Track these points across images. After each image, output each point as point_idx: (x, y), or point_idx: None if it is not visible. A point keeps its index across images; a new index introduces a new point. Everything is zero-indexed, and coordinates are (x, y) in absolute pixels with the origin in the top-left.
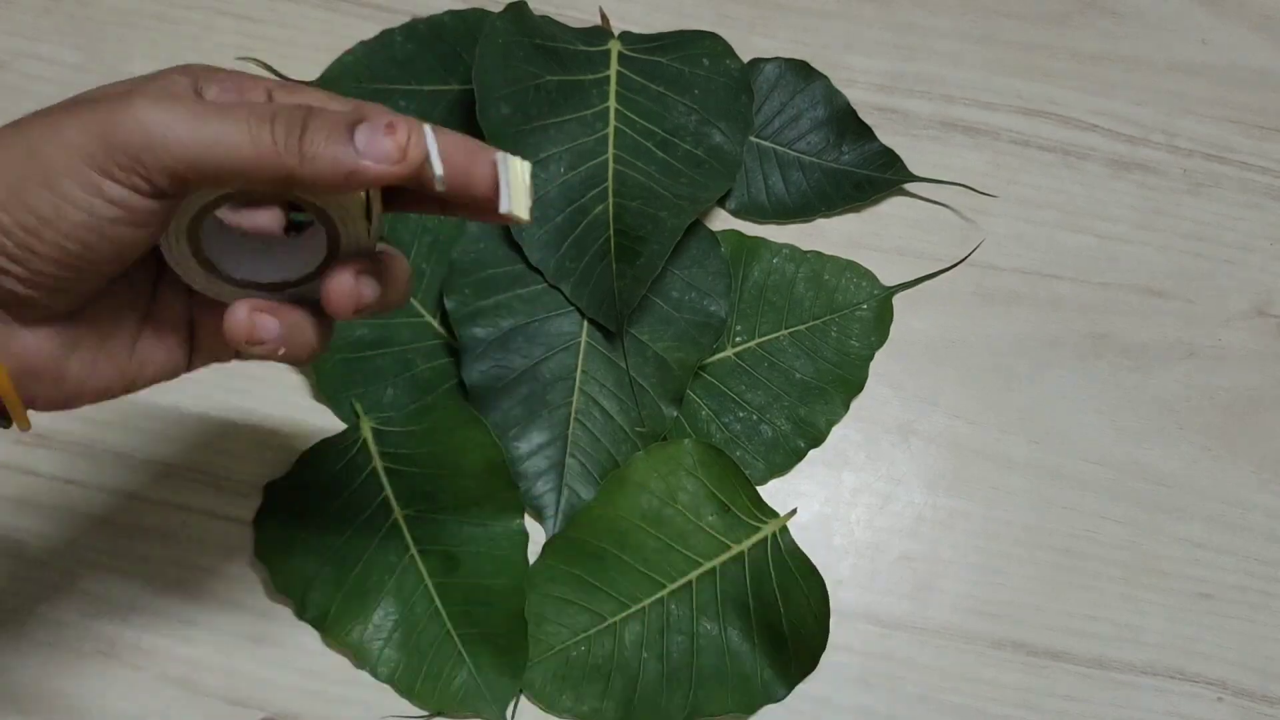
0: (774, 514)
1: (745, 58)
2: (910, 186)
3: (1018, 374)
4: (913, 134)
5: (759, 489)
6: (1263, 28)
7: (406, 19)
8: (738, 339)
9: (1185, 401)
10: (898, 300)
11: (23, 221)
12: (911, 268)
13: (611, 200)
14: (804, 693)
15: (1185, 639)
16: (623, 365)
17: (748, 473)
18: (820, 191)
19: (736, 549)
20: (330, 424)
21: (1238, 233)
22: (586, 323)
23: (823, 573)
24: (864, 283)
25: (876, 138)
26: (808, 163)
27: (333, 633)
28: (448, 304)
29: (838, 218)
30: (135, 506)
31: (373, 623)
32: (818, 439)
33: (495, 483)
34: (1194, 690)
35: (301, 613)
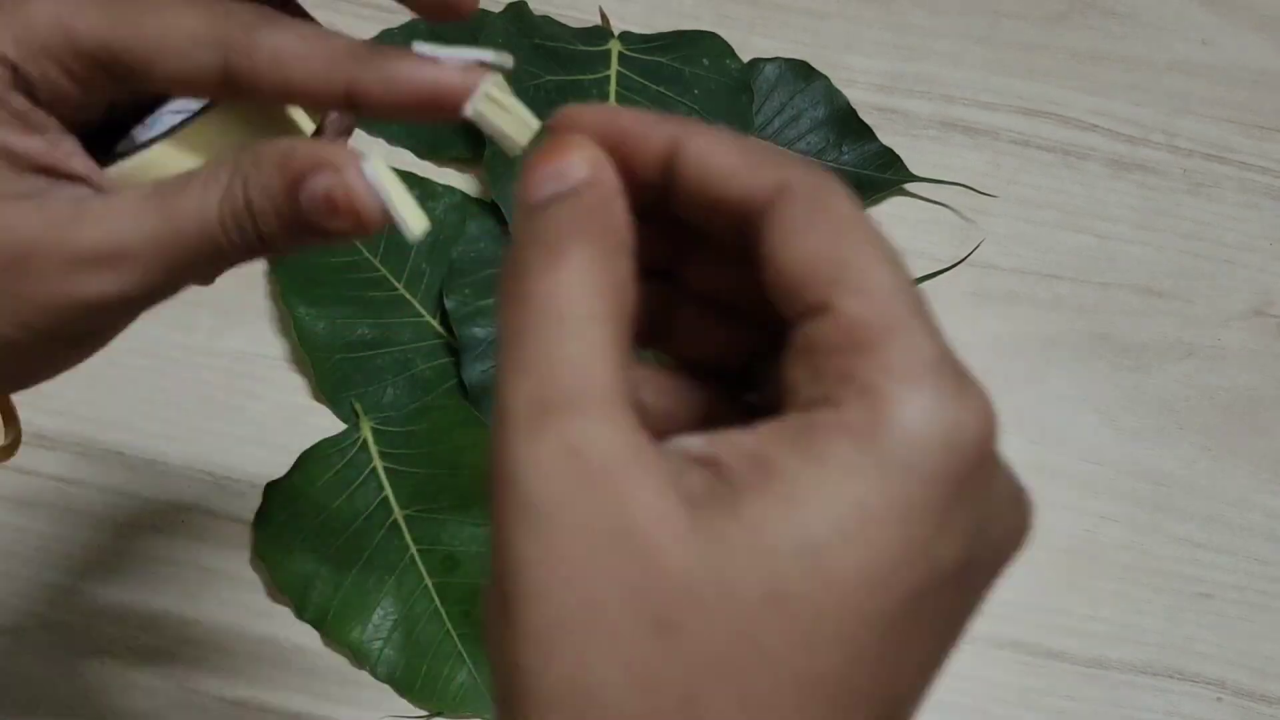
0: None
1: (745, 58)
2: (910, 186)
3: (1017, 374)
4: (912, 134)
5: None
6: (1263, 28)
7: (406, 19)
8: None
9: (1184, 401)
10: None
11: None
12: (911, 267)
13: None
14: None
15: (1184, 639)
16: None
17: None
18: None
19: None
20: (330, 424)
21: (1238, 233)
22: None
23: None
24: None
25: (876, 138)
26: None
27: (332, 632)
28: (448, 304)
29: None
30: (135, 506)
31: (372, 623)
32: None
33: None
34: (1193, 690)
35: (301, 612)
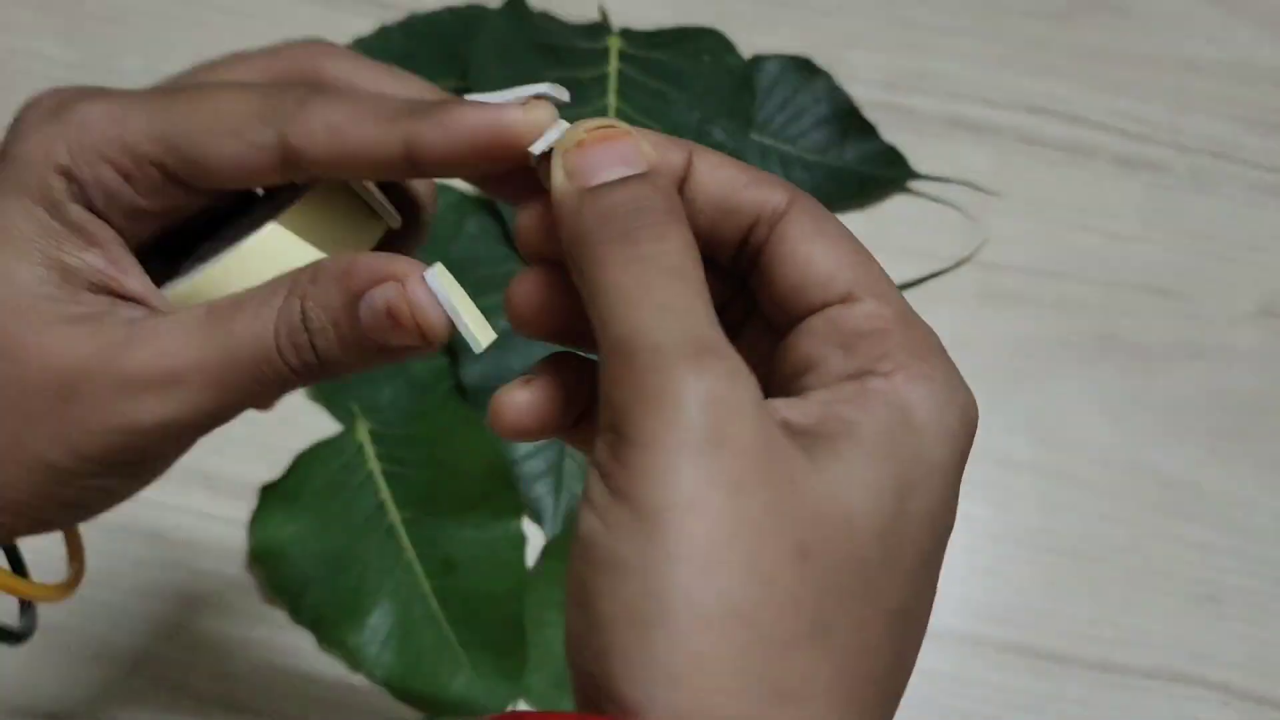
0: None
1: (747, 54)
2: (914, 185)
3: (1023, 374)
4: (916, 132)
5: None
6: (1270, 25)
7: (404, 15)
8: None
9: (1192, 402)
10: None
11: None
12: (915, 267)
13: None
14: None
15: (1191, 642)
16: None
17: None
18: (823, 190)
19: None
20: (327, 425)
21: (1245, 231)
22: None
23: None
24: None
25: (880, 135)
26: (810, 161)
27: (329, 636)
28: None
29: (841, 216)
30: (129, 508)
31: (369, 626)
32: None
33: (493, 485)
34: (1200, 694)
35: (297, 615)
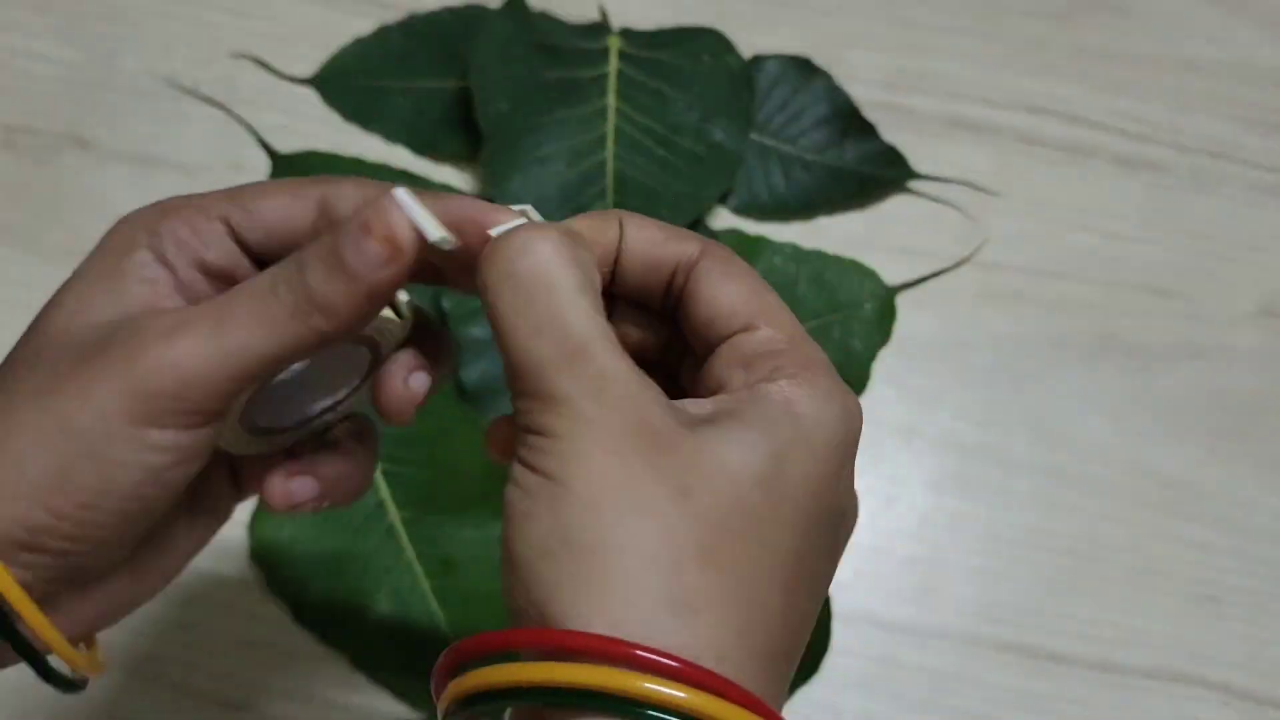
0: None
1: (746, 54)
2: (914, 185)
3: (1022, 374)
4: (916, 131)
5: None
6: (1270, 25)
7: (404, 15)
8: None
9: (1191, 402)
10: (901, 300)
11: (78, 501)
12: (915, 267)
13: (610, 198)
14: (805, 697)
15: (1191, 642)
16: None
17: None
18: (823, 190)
19: None
20: None
21: (1245, 232)
22: None
23: None
24: (867, 282)
25: (879, 135)
26: (810, 160)
27: (328, 635)
28: (446, 304)
29: (840, 216)
30: None
31: (369, 626)
32: None
33: (493, 485)
34: (1200, 694)
35: (298, 614)
